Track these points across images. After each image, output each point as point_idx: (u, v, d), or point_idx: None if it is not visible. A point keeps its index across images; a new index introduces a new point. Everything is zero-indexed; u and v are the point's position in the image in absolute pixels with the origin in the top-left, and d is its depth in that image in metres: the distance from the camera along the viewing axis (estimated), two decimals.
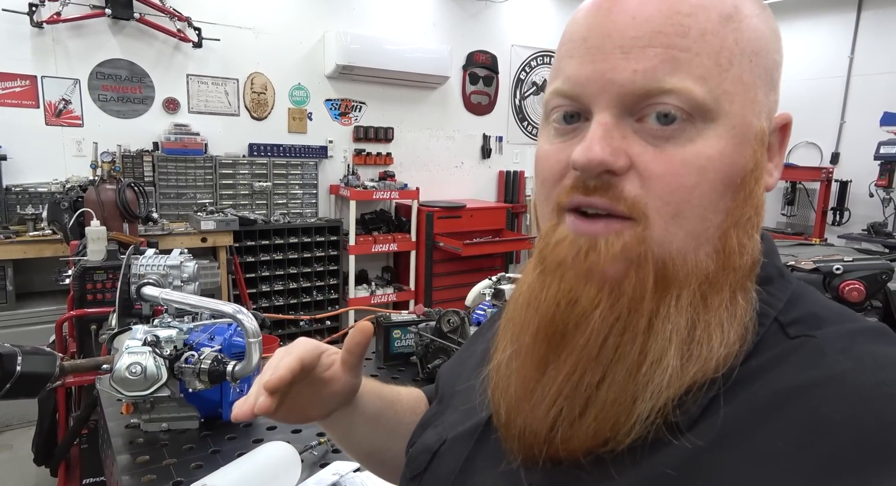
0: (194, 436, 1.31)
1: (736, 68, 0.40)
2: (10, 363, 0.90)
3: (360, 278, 4.46)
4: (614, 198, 0.40)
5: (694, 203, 0.39)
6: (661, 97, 0.39)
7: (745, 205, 0.41)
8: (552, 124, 0.44)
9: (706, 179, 0.39)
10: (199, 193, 3.80)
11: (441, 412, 0.58)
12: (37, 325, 3.00)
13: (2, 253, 2.93)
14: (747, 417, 0.37)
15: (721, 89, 0.39)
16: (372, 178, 4.52)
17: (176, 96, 3.77)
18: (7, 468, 2.59)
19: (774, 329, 0.41)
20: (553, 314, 0.41)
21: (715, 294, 0.40)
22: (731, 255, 0.40)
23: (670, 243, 0.39)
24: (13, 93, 3.30)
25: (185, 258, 1.41)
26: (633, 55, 0.39)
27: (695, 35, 0.39)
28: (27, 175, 3.32)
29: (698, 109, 0.39)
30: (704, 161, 0.39)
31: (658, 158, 0.39)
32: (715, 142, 0.39)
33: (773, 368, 0.38)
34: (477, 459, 0.49)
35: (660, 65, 0.39)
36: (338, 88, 4.38)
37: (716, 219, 0.40)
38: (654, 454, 0.38)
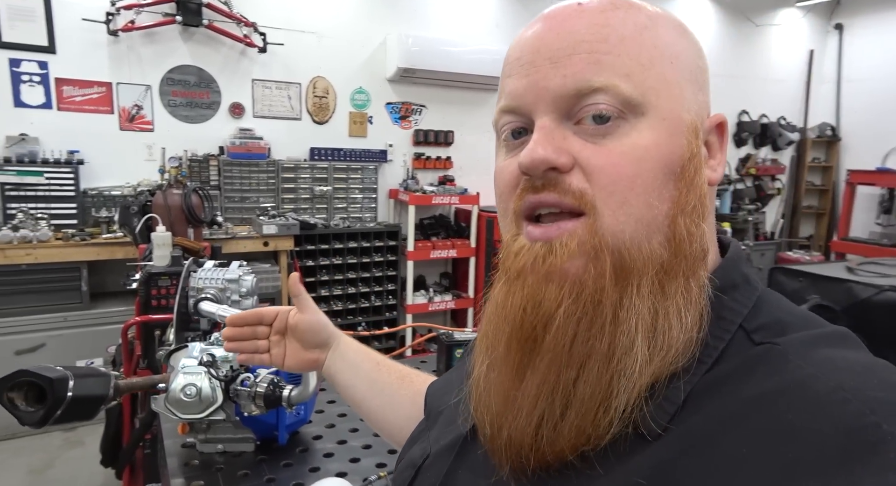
0: (250, 460, 1.26)
1: (658, 67, 0.42)
2: (62, 388, 0.85)
3: (418, 284, 4.39)
4: (562, 192, 0.42)
5: (637, 191, 0.41)
6: (593, 96, 0.41)
7: (688, 193, 0.42)
8: (503, 143, 0.48)
9: (645, 167, 0.41)
10: (261, 197, 3.84)
11: (428, 428, 0.60)
12: (108, 325, 3.09)
13: (78, 254, 3.03)
14: (714, 424, 0.37)
15: (646, 85, 0.42)
16: (431, 182, 4.44)
17: (241, 101, 3.82)
18: (78, 464, 2.67)
19: (740, 336, 0.41)
20: (521, 320, 0.42)
21: (671, 282, 0.41)
22: (682, 242, 0.41)
23: (622, 231, 0.41)
24: (91, 99, 3.43)
25: (244, 272, 1.36)
26: (562, 63, 0.42)
27: (614, 40, 0.42)
28: (102, 179, 3.44)
29: (628, 104, 0.41)
30: (641, 151, 0.41)
31: (598, 153, 0.42)
32: (648, 133, 0.41)
33: (739, 375, 0.39)
34: (458, 472, 0.50)
35: (586, 67, 0.42)
36: (398, 91, 4.34)
37: (662, 207, 0.42)
38: (626, 459, 0.39)
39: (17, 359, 2.93)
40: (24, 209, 3.06)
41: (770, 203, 5.92)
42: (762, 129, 5.80)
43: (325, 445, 1.32)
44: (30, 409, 0.86)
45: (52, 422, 0.88)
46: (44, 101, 3.31)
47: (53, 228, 3.07)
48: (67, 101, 3.37)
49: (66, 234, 3.09)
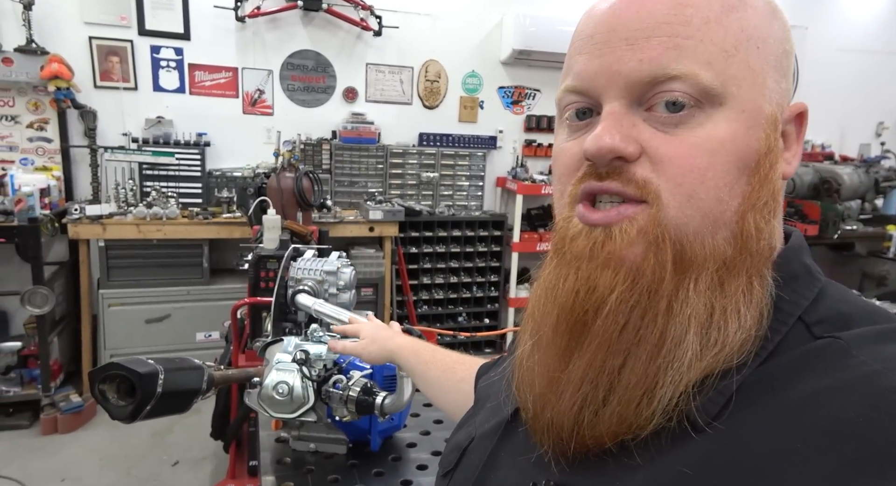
0: (341, 463, 1.19)
1: (742, 54, 0.40)
2: (151, 384, 0.82)
3: (522, 277, 4.22)
4: (626, 181, 0.40)
5: (708, 185, 0.39)
6: (668, 84, 0.39)
7: (761, 189, 0.41)
8: (566, 122, 0.46)
9: (718, 161, 0.39)
10: (370, 181, 3.86)
11: (475, 412, 0.61)
12: (226, 300, 3.25)
13: (201, 232, 3.21)
14: (768, 418, 0.36)
15: (727, 74, 0.39)
16: (541, 170, 4.23)
17: (355, 85, 3.84)
18: (193, 432, 2.84)
19: (799, 329, 0.40)
20: (572, 304, 0.42)
21: (733, 279, 0.39)
22: (749, 239, 0.40)
23: (686, 224, 0.39)
24: (219, 84, 3.61)
25: (343, 263, 1.28)
26: (639, 46, 0.40)
27: (698, 23, 0.40)
28: (226, 160, 3.62)
29: (706, 94, 0.39)
30: (716, 144, 0.39)
31: (669, 143, 0.40)
32: (725, 125, 0.39)
33: (796, 369, 0.38)
34: (500, 454, 0.50)
35: (665, 53, 0.39)
36: (512, 74, 4.15)
37: (732, 202, 0.40)
38: (672, 449, 0.38)
39: (146, 327, 3.17)
40: (157, 188, 3.29)
41: None
42: None
43: (420, 455, 1.23)
44: (120, 403, 0.83)
45: (142, 417, 0.84)
46: (178, 85, 3.53)
47: (181, 207, 3.27)
48: (198, 85, 3.57)
49: (191, 212, 3.28)
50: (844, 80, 4.70)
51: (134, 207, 3.17)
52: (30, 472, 2.55)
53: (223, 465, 2.55)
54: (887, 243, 3.94)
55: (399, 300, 3.85)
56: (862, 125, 4.94)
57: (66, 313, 3.27)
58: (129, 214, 3.12)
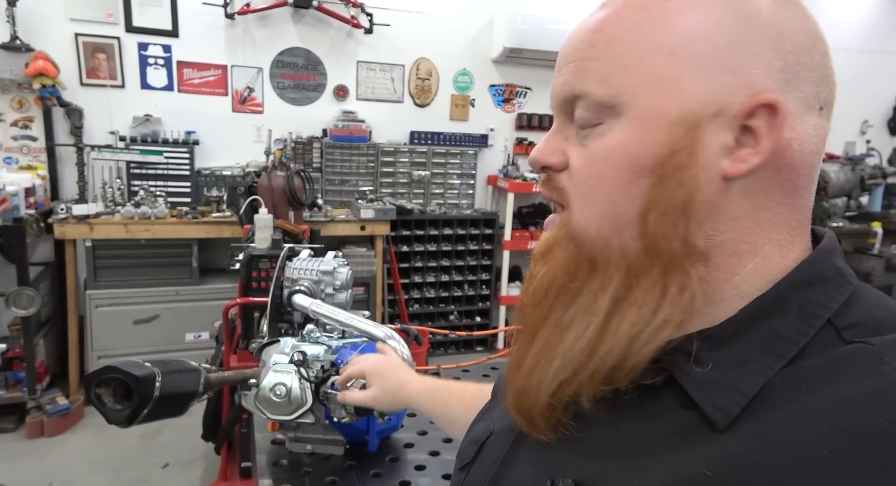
0: (338, 465, 1.18)
1: (647, 65, 0.42)
2: (149, 387, 0.80)
3: (514, 275, 4.23)
4: (552, 189, 0.48)
5: (601, 190, 0.43)
6: (577, 103, 0.45)
7: (665, 192, 0.41)
8: None
9: (609, 167, 0.43)
10: (360, 180, 3.84)
11: (494, 405, 0.62)
12: (216, 300, 3.22)
13: (190, 232, 3.17)
14: (792, 422, 0.36)
15: (623, 86, 0.42)
16: (532, 169, 4.23)
17: (345, 83, 3.82)
18: (183, 433, 2.80)
19: (828, 333, 0.40)
20: (524, 292, 0.50)
21: (643, 274, 0.42)
22: (655, 239, 0.42)
23: (588, 226, 0.44)
24: (208, 81, 3.57)
25: (339, 263, 1.27)
26: (561, 72, 0.46)
27: (601, 46, 0.43)
28: (215, 159, 3.58)
29: (603, 108, 0.43)
30: (607, 152, 0.43)
31: (579, 154, 0.45)
32: (621, 134, 0.43)
33: (824, 373, 0.37)
34: (518, 452, 0.51)
35: (573, 76, 0.45)
36: (503, 72, 4.15)
37: (631, 204, 0.42)
38: (690, 449, 0.39)
39: (134, 328, 3.13)
40: (145, 187, 3.24)
41: None
42: None
43: (417, 455, 1.22)
44: (117, 407, 0.81)
45: (139, 421, 0.83)
46: (166, 83, 3.48)
47: (169, 206, 3.23)
48: (187, 83, 3.52)
49: (180, 211, 3.24)
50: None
51: (121, 206, 3.12)
52: (16, 476, 2.50)
53: (214, 467, 2.52)
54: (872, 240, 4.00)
55: (391, 299, 3.84)
56: (847, 124, 5.00)
57: (51, 315, 3.22)
58: (116, 214, 3.07)
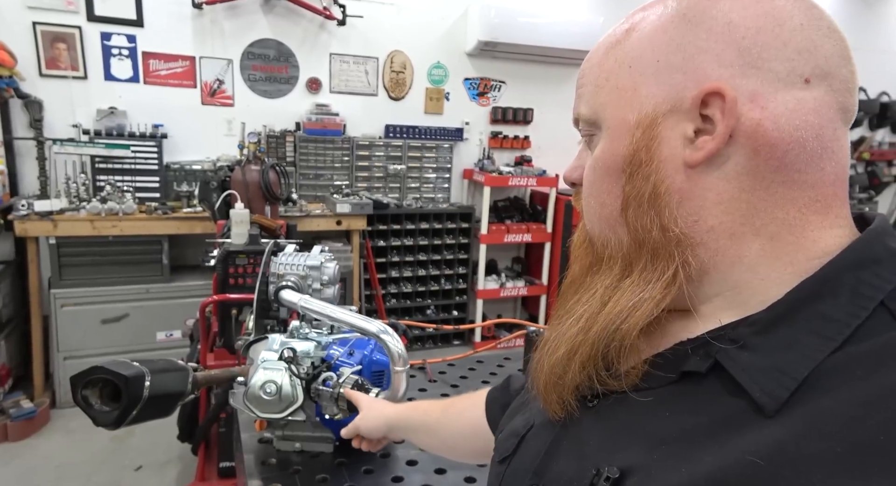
0: (328, 462, 1.17)
1: (612, 81, 0.48)
2: (138, 387, 0.77)
3: (490, 269, 4.25)
4: (577, 201, 0.55)
5: (593, 194, 0.50)
6: (580, 124, 0.52)
7: (635, 187, 0.46)
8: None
9: (596, 174, 0.49)
10: (335, 174, 3.79)
11: (529, 399, 0.62)
12: (188, 298, 3.14)
13: (160, 228, 3.08)
14: (846, 408, 0.35)
15: (598, 103, 0.49)
16: (507, 162, 4.25)
17: (319, 76, 3.76)
18: (156, 435, 2.73)
19: (882, 315, 0.38)
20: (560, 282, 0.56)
21: (636, 262, 0.46)
22: (636, 231, 0.46)
23: (592, 228, 0.51)
24: (175, 73, 3.46)
25: (326, 258, 1.25)
26: (576, 95, 0.53)
27: (587, 72, 0.51)
28: (184, 153, 3.48)
29: (591, 124, 0.50)
30: (594, 161, 0.49)
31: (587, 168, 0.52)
32: (601, 144, 0.49)
33: (879, 358, 0.37)
34: (562, 443, 0.52)
35: (576, 102, 0.52)
36: (477, 66, 4.14)
37: (615, 204, 0.47)
38: (740, 436, 0.38)
39: (102, 328, 3.03)
40: (111, 182, 3.13)
41: (885, 192, 5.32)
42: (881, 108, 5.18)
43: (409, 451, 1.22)
44: (105, 408, 0.78)
45: (128, 423, 0.80)
46: (131, 74, 3.37)
47: (138, 201, 3.13)
48: (153, 74, 3.41)
49: (149, 207, 3.15)
50: None
51: (87, 202, 3.01)
52: None
53: (190, 468, 2.47)
54: None
55: (367, 294, 3.81)
56: None
57: (13, 315, 3.09)
58: (81, 210, 2.96)
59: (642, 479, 0.41)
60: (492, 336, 4.02)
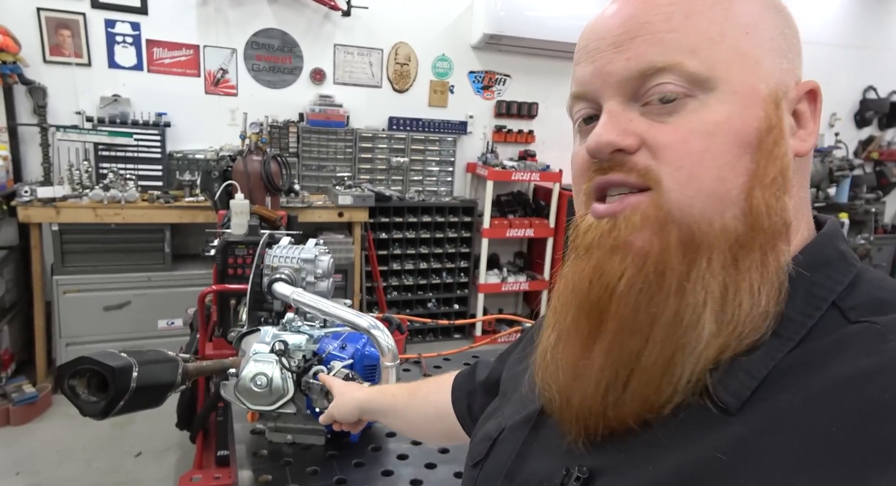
0: (320, 455, 1.17)
1: (730, 40, 0.42)
2: (125, 378, 0.77)
3: (492, 263, 4.24)
4: (628, 171, 0.43)
5: (708, 165, 0.41)
6: (657, 77, 0.41)
7: (766, 166, 0.41)
8: (577, 129, 0.50)
9: (715, 142, 0.41)
10: (338, 165, 3.78)
11: (502, 404, 0.61)
12: (189, 287, 3.15)
13: (162, 216, 3.09)
14: (800, 402, 0.36)
15: (714, 59, 0.41)
16: (511, 157, 4.23)
17: (322, 67, 3.74)
18: (155, 422, 2.75)
19: (833, 314, 0.40)
20: (587, 291, 0.44)
21: (746, 255, 0.40)
22: (759, 215, 0.41)
23: (690, 205, 0.41)
24: (179, 62, 3.46)
25: (320, 251, 1.25)
26: (625, 47, 0.43)
27: (679, 18, 0.42)
28: (187, 142, 3.49)
29: (694, 81, 0.41)
30: (711, 127, 0.41)
31: (665, 131, 0.42)
32: (720, 108, 0.41)
33: (831, 353, 0.38)
34: (533, 444, 0.51)
35: (649, 48, 0.42)
36: (483, 59, 4.12)
37: (737, 180, 0.41)
38: (703, 434, 0.39)
39: (104, 315, 3.05)
40: (114, 170, 3.14)
41: (893, 192, 5.27)
42: (891, 108, 5.12)
43: (399, 445, 1.22)
44: (92, 399, 0.79)
45: (115, 413, 0.80)
46: (135, 62, 3.36)
47: (140, 190, 3.14)
48: (157, 63, 3.41)
49: (151, 195, 3.15)
50: None
51: (90, 189, 3.02)
52: None
53: (188, 455, 2.49)
54: None
55: (369, 286, 3.82)
56: None
57: (16, 300, 3.12)
58: (84, 197, 2.97)
59: (613, 479, 0.42)
60: (492, 330, 4.03)
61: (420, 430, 0.93)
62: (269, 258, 1.21)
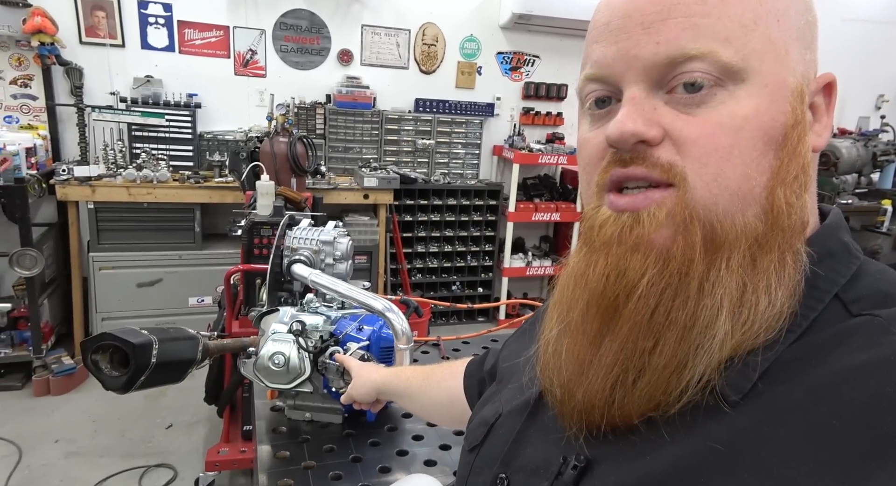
0: (337, 433, 1.20)
1: (762, 28, 0.40)
2: (145, 354, 0.80)
3: (517, 247, 4.22)
4: (650, 166, 0.40)
5: (735, 162, 0.39)
6: (687, 64, 0.39)
7: (790, 163, 0.40)
8: (588, 112, 0.46)
9: (743, 137, 0.39)
10: (364, 147, 3.79)
11: (499, 390, 0.61)
12: (219, 266, 3.22)
13: (192, 196, 3.16)
14: (801, 394, 0.36)
15: (748, 49, 0.39)
16: (538, 139, 4.18)
17: (350, 48, 3.74)
18: (186, 396, 2.85)
19: (835, 307, 0.40)
20: (603, 289, 0.42)
21: (765, 255, 0.39)
22: (780, 214, 0.39)
23: (715, 204, 0.39)
24: (209, 43, 3.49)
25: (339, 233, 1.26)
26: (655, 29, 0.40)
27: (714, 1, 0.39)
28: (217, 123, 3.54)
29: (726, 71, 0.39)
30: (739, 121, 0.39)
31: (691, 124, 0.40)
32: (749, 101, 0.39)
33: (832, 346, 0.37)
34: (529, 430, 0.51)
35: (682, 33, 0.39)
36: (511, 39, 4.05)
37: (760, 178, 0.39)
38: (703, 425, 0.38)
39: (138, 291, 3.15)
40: (146, 149, 3.21)
41: None
42: None
43: (415, 426, 1.24)
44: (114, 373, 0.82)
45: (136, 388, 0.83)
46: (167, 43, 3.41)
47: (171, 170, 3.21)
48: (188, 44, 3.45)
49: (182, 175, 3.22)
50: (846, 51, 4.62)
51: (123, 169, 3.10)
52: (24, 433, 2.56)
53: (216, 428, 2.57)
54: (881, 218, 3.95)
55: (393, 268, 3.85)
56: (862, 98, 4.89)
57: (55, 276, 3.24)
58: (118, 177, 3.05)
59: (609, 467, 0.42)
60: (516, 314, 4.02)
61: (433, 414, 0.96)
62: (289, 240, 1.23)
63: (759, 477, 0.35)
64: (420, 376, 0.93)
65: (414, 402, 0.93)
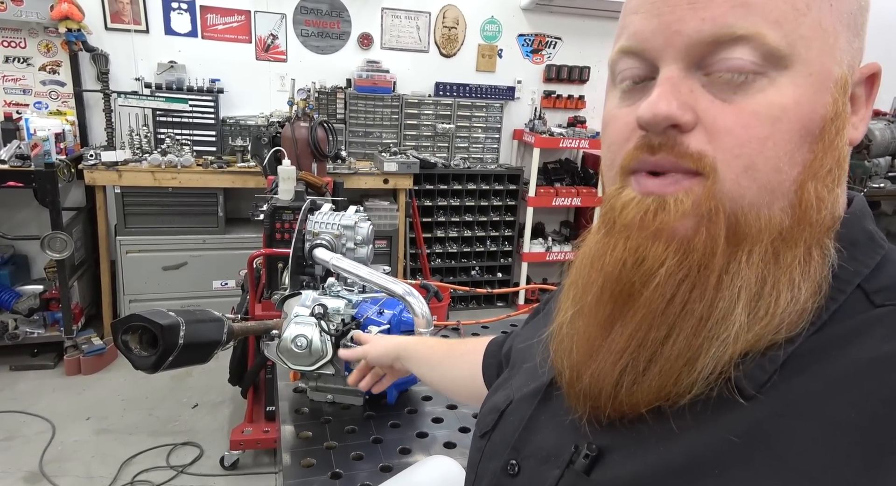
0: (358, 415, 1.22)
1: (815, 12, 0.37)
2: (173, 335, 0.82)
3: (537, 232, 4.20)
4: (679, 155, 0.38)
5: (767, 155, 0.37)
6: (732, 46, 0.37)
7: (824, 157, 0.38)
8: (619, 87, 0.44)
9: (780, 129, 0.37)
10: (384, 132, 3.79)
11: (511, 376, 0.61)
12: (242, 250, 3.27)
13: (215, 181, 3.20)
14: (820, 386, 0.35)
15: (797, 34, 0.37)
16: (560, 123, 4.12)
17: (370, 31, 3.72)
18: (211, 376, 2.92)
19: (857, 297, 0.38)
20: (619, 274, 0.41)
21: (789, 250, 0.38)
22: (808, 209, 0.38)
23: (742, 196, 0.38)
24: (231, 28, 3.51)
25: (360, 218, 1.27)
26: (701, 4, 0.37)
27: None
28: (239, 108, 3.56)
29: (771, 56, 0.37)
30: (778, 111, 0.37)
31: (726, 113, 0.38)
32: (790, 90, 0.37)
33: (853, 337, 0.36)
34: (540, 417, 0.50)
35: (730, 10, 0.37)
36: (533, 21, 3.98)
37: (792, 171, 0.38)
38: (718, 417, 0.37)
39: (163, 274, 3.22)
40: (171, 135, 3.26)
41: None
42: None
43: (435, 408, 1.25)
44: (143, 354, 0.84)
45: (164, 368, 0.85)
46: (190, 29, 3.43)
47: (195, 155, 3.25)
48: (210, 29, 3.47)
49: (205, 160, 3.26)
50: (881, 28, 4.44)
51: (149, 154, 3.15)
52: (58, 410, 2.66)
53: (241, 409, 2.63)
54: None
55: (412, 253, 3.86)
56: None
57: (85, 258, 3.32)
58: (144, 162, 3.10)
59: (621, 457, 0.41)
60: (535, 300, 4.01)
61: (451, 387, 0.92)
62: (311, 224, 1.24)
63: (775, 469, 0.34)
64: (444, 346, 0.91)
65: (434, 371, 0.90)
